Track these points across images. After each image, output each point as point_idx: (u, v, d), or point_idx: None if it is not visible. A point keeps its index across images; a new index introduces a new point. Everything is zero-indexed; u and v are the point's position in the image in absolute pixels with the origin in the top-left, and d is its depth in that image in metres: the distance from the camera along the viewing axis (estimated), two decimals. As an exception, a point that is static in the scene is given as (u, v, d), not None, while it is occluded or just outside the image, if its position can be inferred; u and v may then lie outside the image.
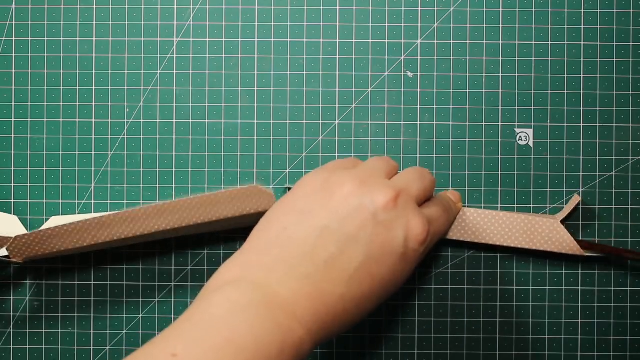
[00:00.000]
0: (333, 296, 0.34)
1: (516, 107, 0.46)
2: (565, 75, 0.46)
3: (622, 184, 0.46)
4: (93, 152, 0.46)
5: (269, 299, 0.33)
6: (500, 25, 0.46)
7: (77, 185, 0.46)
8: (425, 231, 0.36)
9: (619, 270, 0.46)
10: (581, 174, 0.46)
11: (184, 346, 0.30)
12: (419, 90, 0.46)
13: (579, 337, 0.46)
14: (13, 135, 0.46)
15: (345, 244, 0.35)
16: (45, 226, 0.45)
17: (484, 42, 0.46)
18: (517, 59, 0.46)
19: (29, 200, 0.46)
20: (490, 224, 0.43)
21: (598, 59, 0.46)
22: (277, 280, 0.33)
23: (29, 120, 0.46)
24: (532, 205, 0.46)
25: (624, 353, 0.46)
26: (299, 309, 0.33)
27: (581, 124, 0.46)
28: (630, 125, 0.46)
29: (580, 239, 0.45)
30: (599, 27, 0.46)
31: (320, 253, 0.34)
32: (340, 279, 0.34)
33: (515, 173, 0.46)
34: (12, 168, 0.46)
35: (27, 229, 0.46)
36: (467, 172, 0.46)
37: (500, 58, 0.46)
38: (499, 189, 0.46)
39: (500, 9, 0.46)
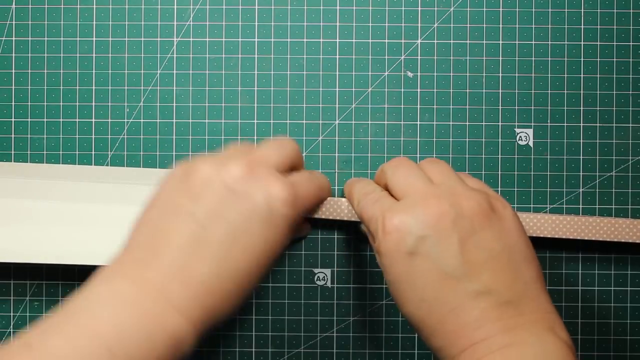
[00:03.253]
0: (207, 276, 0.34)
1: (516, 107, 0.46)
2: (565, 75, 0.46)
3: (622, 184, 0.46)
4: (93, 152, 0.46)
5: (137, 289, 0.33)
6: (500, 25, 0.46)
7: (77, 185, 0.46)
8: (286, 191, 0.35)
9: (618, 271, 0.46)
10: (581, 174, 0.46)
11: (41, 337, 0.31)
12: (419, 90, 0.46)
13: (579, 337, 0.46)
14: (13, 135, 0.46)
15: (209, 222, 0.34)
16: None
17: (484, 42, 0.46)
18: (517, 59, 0.46)
19: (29, 200, 0.46)
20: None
21: (598, 59, 0.46)
22: (149, 271, 0.33)
23: (29, 120, 0.46)
24: (532, 205, 0.46)
25: (624, 353, 0.46)
26: (173, 295, 0.33)
27: (581, 124, 0.46)
28: (630, 125, 0.46)
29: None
30: (599, 27, 0.46)
31: (186, 236, 0.34)
32: (211, 257, 0.34)
33: (515, 173, 0.46)
34: (12, 168, 0.46)
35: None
36: (467, 172, 0.46)
37: (500, 58, 0.46)
38: (499, 189, 0.46)
39: (500, 9, 0.46)
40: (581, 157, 0.46)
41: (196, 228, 0.34)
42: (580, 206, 0.46)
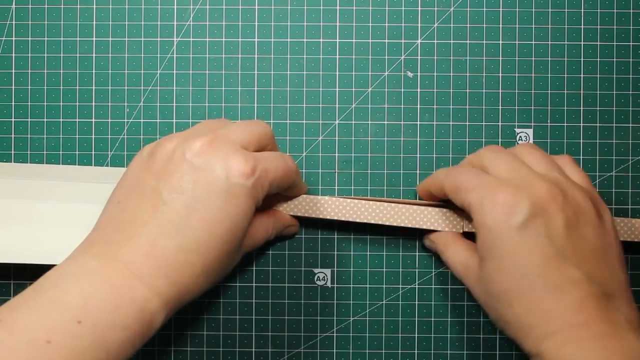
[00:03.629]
0: (171, 249, 0.34)
1: (516, 107, 0.46)
2: (565, 75, 0.46)
3: (622, 184, 0.46)
4: (93, 152, 0.46)
5: (104, 264, 0.34)
6: (500, 25, 0.46)
7: (77, 185, 0.46)
8: (247, 164, 0.36)
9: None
10: (581, 174, 0.46)
11: (11, 311, 0.32)
12: (419, 90, 0.46)
13: None
14: (13, 135, 0.46)
15: (169, 197, 0.35)
16: None
17: (484, 42, 0.46)
18: (517, 59, 0.46)
19: (29, 200, 0.46)
20: None
21: (598, 59, 0.46)
22: (116, 248, 0.34)
23: (29, 120, 0.46)
24: (532, 205, 0.46)
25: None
26: (141, 269, 0.34)
27: (581, 124, 0.46)
28: (630, 125, 0.46)
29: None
30: (599, 27, 0.46)
31: (150, 212, 0.35)
32: (173, 230, 0.35)
33: (515, 173, 0.46)
34: (12, 168, 0.46)
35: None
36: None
37: (500, 58, 0.46)
38: (499, 189, 0.46)
39: (500, 9, 0.46)
40: (581, 157, 0.46)
41: (159, 203, 0.35)
42: (580, 206, 0.46)
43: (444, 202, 0.43)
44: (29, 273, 0.46)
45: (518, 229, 0.36)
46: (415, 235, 0.46)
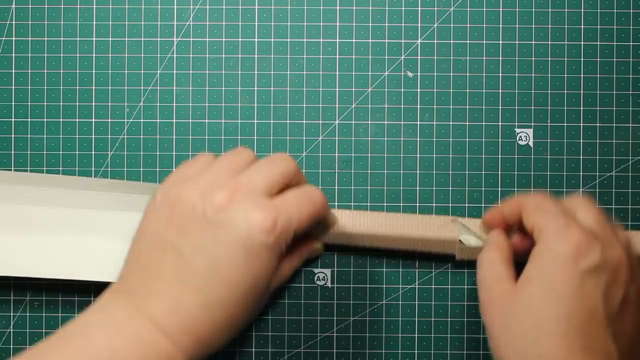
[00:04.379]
0: (195, 307, 0.35)
1: (516, 107, 0.46)
2: (565, 75, 0.46)
3: (622, 184, 0.46)
4: (93, 152, 0.46)
5: (130, 317, 0.34)
6: (500, 25, 0.46)
7: (77, 185, 0.46)
8: (268, 219, 0.35)
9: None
10: (581, 174, 0.46)
11: (34, 357, 0.33)
12: (419, 90, 0.46)
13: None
14: (13, 135, 0.46)
15: (192, 253, 0.35)
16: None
17: (484, 42, 0.46)
18: (517, 59, 0.46)
19: (29, 200, 0.46)
20: None
21: (598, 59, 0.46)
22: (140, 301, 0.35)
23: (29, 120, 0.46)
24: (532, 205, 0.46)
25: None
26: (165, 324, 0.34)
27: (581, 124, 0.46)
28: (630, 125, 0.46)
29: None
30: (599, 27, 0.46)
31: (173, 269, 0.35)
32: (196, 287, 0.35)
33: (515, 173, 0.46)
34: (12, 168, 0.46)
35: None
36: (467, 172, 0.46)
37: (500, 58, 0.46)
38: (499, 189, 0.46)
39: (500, 9, 0.46)
40: (581, 157, 0.46)
41: (181, 260, 0.35)
42: (580, 206, 0.46)
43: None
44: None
45: (583, 272, 0.35)
46: (415, 235, 0.46)
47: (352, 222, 0.43)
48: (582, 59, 0.46)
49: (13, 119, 0.46)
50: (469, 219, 0.45)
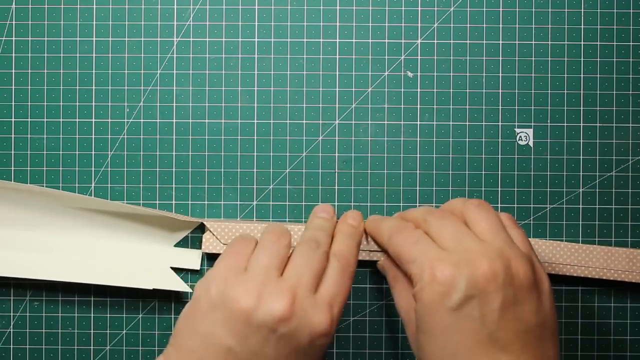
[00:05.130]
0: None
1: (516, 107, 0.46)
2: (565, 75, 0.46)
3: (622, 184, 0.46)
4: (93, 152, 0.46)
5: None
6: (500, 25, 0.46)
7: (77, 185, 0.46)
8: (329, 324, 0.36)
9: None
10: (581, 174, 0.46)
11: None
12: (419, 90, 0.46)
13: (579, 337, 0.46)
14: (13, 135, 0.46)
15: (249, 359, 0.35)
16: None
17: (484, 42, 0.46)
18: (517, 59, 0.46)
19: (29, 200, 0.46)
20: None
21: (598, 59, 0.46)
22: None
23: (29, 120, 0.46)
24: (532, 205, 0.46)
25: (623, 353, 0.46)
26: None
27: (581, 124, 0.46)
28: (630, 125, 0.46)
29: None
30: (599, 27, 0.46)
31: None
32: None
33: (515, 173, 0.46)
34: (12, 168, 0.46)
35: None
36: (467, 172, 0.46)
37: (500, 58, 0.46)
38: (499, 189, 0.46)
39: (500, 9, 0.46)
40: (581, 157, 0.46)
41: None
42: (580, 206, 0.46)
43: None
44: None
45: (452, 310, 0.35)
46: (415, 235, 0.46)
47: None
48: (582, 59, 0.46)
49: (13, 119, 0.46)
50: None
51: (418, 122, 0.46)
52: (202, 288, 0.37)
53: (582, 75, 0.46)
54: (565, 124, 0.46)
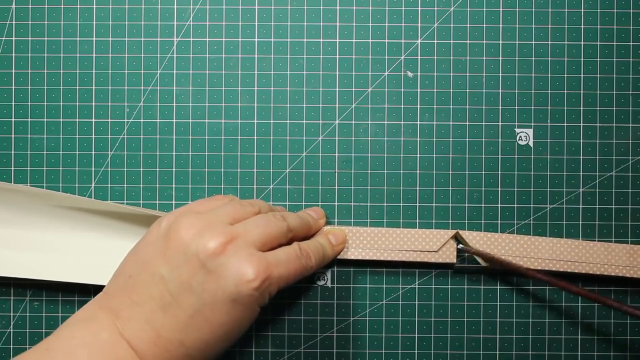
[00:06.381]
0: (173, 342, 0.36)
1: (516, 107, 0.46)
2: (565, 75, 0.46)
3: (622, 184, 0.46)
4: (93, 152, 0.46)
5: (114, 339, 0.36)
6: (500, 25, 0.46)
7: (77, 185, 0.46)
8: (258, 276, 0.36)
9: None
10: (581, 174, 0.46)
11: None
12: (419, 90, 0.46)
13: (579, 336, 0.46)
14: (13, 135, 0.46)
15: (179, 292, 0.36)
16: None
17: (484, 42, 0.46)
18: (517, 59, 0.46)
19: (29, 200, 0.46)
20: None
21: (598, 59, 0.46)
22: (123, 324, 0.36)
23: (29, 120, 0.46)
24: (532, 205, 0.46)
25: (623, 353, 0.46)
26: (144, 352, 0.36)
27: (581, 124, 0.46)
28: (630, 125, 0.46)
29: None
30: (599, 27, 0.46)
31: (157, 301, 0.36)
32: (178, 325, 0.36)
33: (515, 173, 0.46)
34: (12, 168, 0.46)
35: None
36: (467, 172, 0.46)
37: (500, 58, 0.46)
38: (499, 189, 0.46)
39: (500, 9, 0.46)
40: (581, 157, 0.46)
41: (167, 295, 0.36)
42: (580, 206, 0.46)
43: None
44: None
45: None
46: (415, 235, 0.46)
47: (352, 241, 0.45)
48: (582, 59, 0.46)
49: (13, 119, 0.46)
50: (469, 232, 0.45)
51: (418, 122, 0.46)
52: (157, 223, 0.39)
53: (582, 75, 0.46)
54: (565, 124, 0.46)
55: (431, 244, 0.44)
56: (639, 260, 0.44)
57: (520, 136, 0.46)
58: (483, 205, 0.46)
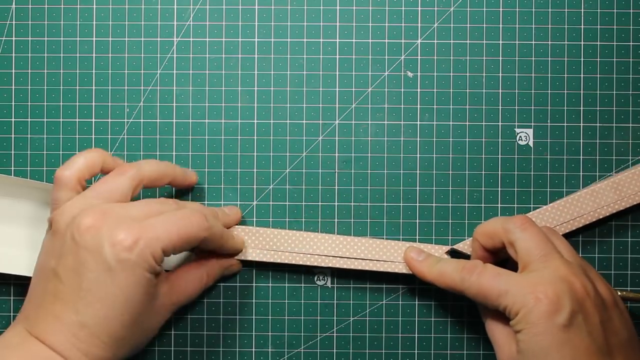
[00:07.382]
0: (75, 324, 0.37)
1: (516, 107, 0.46)
2: (565, 75, 0.46)
3: (622, 184, 0.46)
4: (93, 152, 0.46)
5: (23, 339, 0.37)
6: (500, 25, 0.46)
7: (77, 185, 0.46)
8: (129, 237, 0.37)
9: (618, 270, 0.46)
10: (581, 174, 0.46)
11: None
12: (419, 90, 0.46)
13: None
14: (13, 135, 0.46)
15: (66, 276, 0.37)
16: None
17: (484, 42, 0.46)
18: (517, 59, 0.46)
19: (29, 200, 0.46)
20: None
21: (598, 59, 0.46)
22: (32, 323, 0.38)
23: (29, 120, 0.46)
24: (532, 205, 0.46)
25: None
26: (54, 341, 0.37)
27: (581, 124, 0.46)
28: (630, 125, 0.46)
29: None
30: (599, 27, 0.46)
31: (53, 291, 0.38)
32: (73, 307, 0.37)
33: (515, 173, 0.46)
34: (12, 168, 0.46)
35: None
36: (467, 172, 0.46)
37: (500, 58, 0.46)
38: (499, 189, 0.46)
39: (500, 9, 0.46)
40: (581, 157, 0.46)
41: (60, 284, 0.37)
42: (580, 206, 0.46)
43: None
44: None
45: (563, 327, 0.36)
46: (415, 236, 0.46)
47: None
48: (582, 59, 0.46)
49: (13, 119, 0.46)
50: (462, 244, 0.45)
51: (418, 122, 0.46)
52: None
53: (582, 75, 0.46)
54: (565, 124, 0.46)
55: (395, 255, 0.44)
56: (624, 191, 0.44)
57: (520, 136, 0.46)
58: (483, 205, 0.46)
